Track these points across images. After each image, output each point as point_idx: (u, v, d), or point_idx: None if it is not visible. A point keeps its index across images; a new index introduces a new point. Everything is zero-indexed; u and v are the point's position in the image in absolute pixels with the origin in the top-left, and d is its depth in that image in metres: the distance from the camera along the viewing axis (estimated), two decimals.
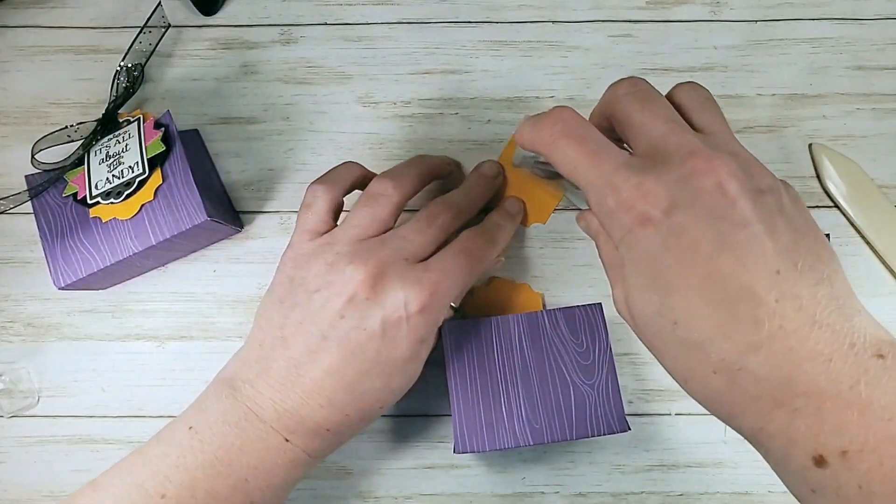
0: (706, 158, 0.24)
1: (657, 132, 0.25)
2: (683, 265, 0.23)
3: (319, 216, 0.34)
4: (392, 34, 0.44)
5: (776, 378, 0.22)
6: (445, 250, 0.34)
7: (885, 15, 0.43)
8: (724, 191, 0.23)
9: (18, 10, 0.45)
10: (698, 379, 0.24)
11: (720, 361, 0.23)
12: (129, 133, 0.38)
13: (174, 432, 0.31)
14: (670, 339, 0.24)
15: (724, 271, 0.23)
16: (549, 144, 0.27)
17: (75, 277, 0.37)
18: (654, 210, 0.24)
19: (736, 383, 0.23)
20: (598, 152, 0.26)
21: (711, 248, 0.23)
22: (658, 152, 0.25)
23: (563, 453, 0.39)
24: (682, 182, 0.24)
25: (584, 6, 0.44)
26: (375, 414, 0.33)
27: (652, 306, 0.24)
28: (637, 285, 0.25)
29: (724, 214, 0.23)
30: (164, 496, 0.29)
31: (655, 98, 0.27)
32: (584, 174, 0.26)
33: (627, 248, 0.25)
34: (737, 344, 0.22)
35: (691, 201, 0.23)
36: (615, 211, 0.25)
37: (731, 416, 0.24)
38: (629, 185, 0.24)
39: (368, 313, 0.31)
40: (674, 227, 0.23)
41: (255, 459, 0.30)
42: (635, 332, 0.27)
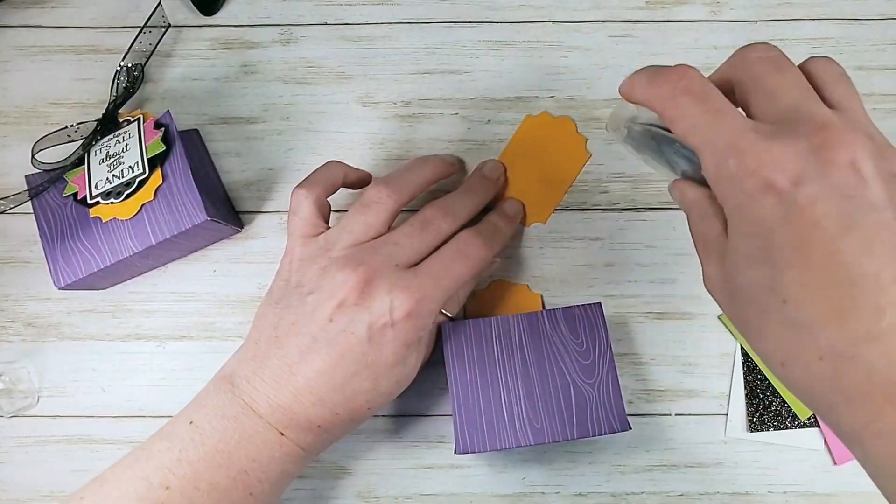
0: (842, 132, 0.22)
1: (789, 99, 0.24)
2: (804, 241, 0.22)
3: (307, 220, 0.34)
4: (392, 34, 0.44)
5: (892, 374, 0.21)
6: (439, 253, 0.34)
7: (885, 15, 0.43)
8: (858, 169, 0.22)
9: (18, 10, 0.45)
10: (800, 364, 0.23)
11: (829, 347, 0.21)
12: (129, 133, 0.38)
13: (175, 427, 0.32)
14: (775, 317, 0.23)
15: (847, 253, 0.21)
16: (667, 100, 0.25)
17: (75, 277, 0.37)
18: (781, 178, 0.22)
19: (845, 373, 0.21)
20: (721, 112, 0.24)
21: (837, 227, 0.21)
22: (789, 121, 0.23)
23: (563, 453, 0.39)
24: (814, 153, 0.22)
25: (584, 6, 0.44)
26: (366, 414, 0.34)
27: (761, 280, 0.23)
28: (747, 256, 0.23)
29: (855, 194, 0.21)
30: (169, 488, 0.30)
31: (789, 66, 0.25)
32: (703, 133, 0.24)
33: (742, 216, 0.23)
34: (852, 332, 0.21)
35: (822, 175, 0.22)
36: (736, 175, 0.23)
37: (832, 407, 0.22)
38: (756, 150, 0.23)
39: (356, 318, 0.31)
40: (800, 198, 0.22)
41: (253, 452, 0.31)
42: (729, 310, 0.25)
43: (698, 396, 0.39)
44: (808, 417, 0.38)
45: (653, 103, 0.26)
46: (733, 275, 0.24)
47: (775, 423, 0.38)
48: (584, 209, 0.41)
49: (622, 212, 0.41)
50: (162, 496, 0.29)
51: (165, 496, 0.29)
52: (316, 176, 0.35)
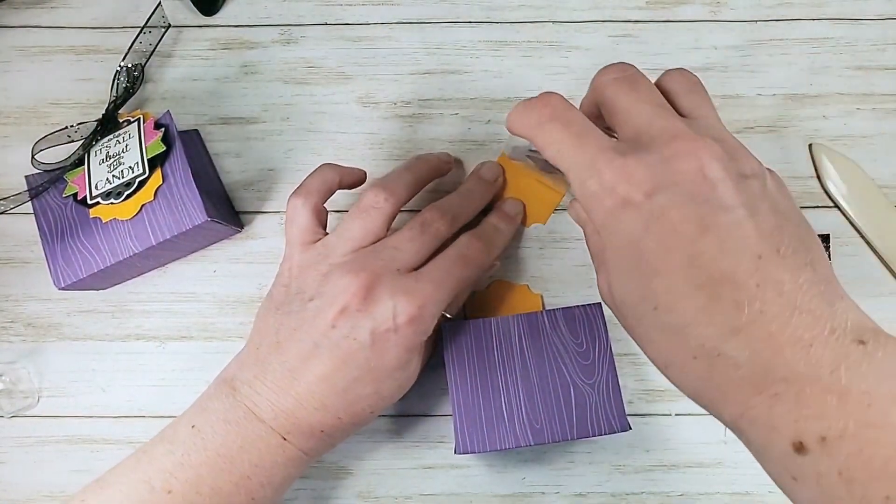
0: (689, 141, 0.23)
1: (643, 116, 0.25)
2: (664, 248, 0.23)
3: (305, 229, 0.34)
4: (392, 34, 0.44)
5: (756, 363, 0.22)
6: (441, 257, 0.34)
7: (885, 15, 0.43)
8: (706, 174, 0.23)
9: (18, 10, 0.45)
10: (678, 365, 0.24)
11: (700, 346, 0.23)
12: (130, 133, 0.38)
13: (177, 431, 0.32)
14: (651, 324, 0.24)
15: (705, 255, 0.22)
16: (535, 127, 0.27)
17: (75, 278, 0.37)
18: (635, 192, 0.23)
19: (715, 369, 0.23)
20: (582, 135, 0.26)
21: (693, 231, 0.23)
22: (643, 136, 0.25)
23: (563, 453, 0.39)
24: (665, 165, 0.23)
25: (584, 6, 0.44)
26: (368, 418, 0.34)
27: (633, 290, 0.24)
28: (618, 269, 0.25)
29: (706, 198, 0.23)
30: (171, 492, 0.30)
31: (642, 83, 0.26)
32: (567, 157, 0.26)
33: (609, 231, 0.25)
34: (717, 328, 0.22)
35: (673, 184, 0.23)
36: (597, 194, 0.24)
37: (712, 402, 0.24)
38: (612, 168, 0.24)
39: (359, 324, 0.31)
40: (655, 209, 0.23)
41: (255, 457, 0.31)
42: (619, 318, 0.26)
43: None
44: None
45: (525, 132, 0.27)
46: (613, 288, 0.26)
47: None
48: None
49: None
50: (164, 500, 0.29)
51: (168, 500, 0.29)
52: (311, 182, 0.35)
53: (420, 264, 0.34)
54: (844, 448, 0.20)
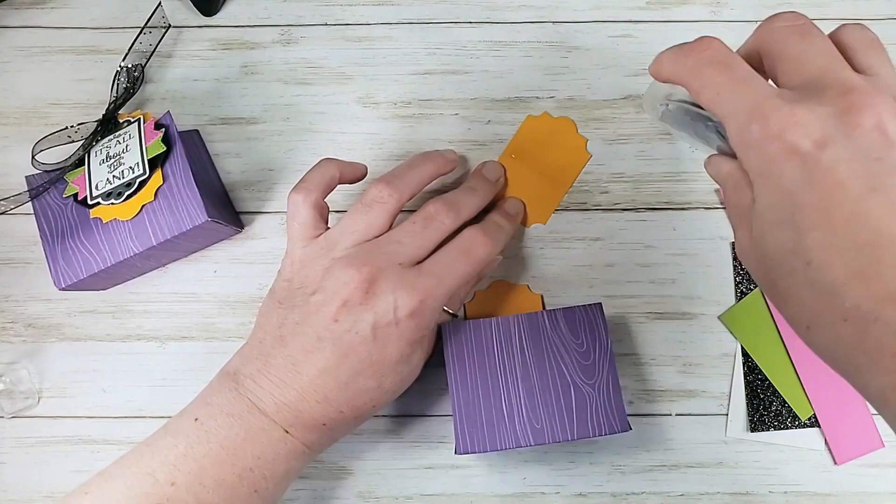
0: (867, 95, 0.22)
1: (815, 66, 0.24)
2: (828, 202, 0.22)
3: (306, 223, 0.34)
4: (392, 34, 0.44)
5: None
6: (443, 251, 0.34)
7: (885, 15, 0.43)
8: (884, 131, 0.22)
9: (18, 11, 0.45)
10: (825, 326, 0.22)
11: (854, 308, 0.21)
12: (130, 134, 0.38)
13: (180, 423, 0.32)
14: (800, 280, 0.23)
15: (871, 215, 0.21)
16: (692, 71, 0.25)
17: (76, 278, 0.37)
18: (804, 141, 0.22)
19: (869, 334, 0.21)
20: (746, 79, 0.24)
21: (862, 188, 0.21)
22: (814, 86, 0.23)
23: (563, 453, 0.39)
24: (839, 116, 0.22)
25: (584, 6, 0.44)
26: (370, 412, 0.34)
27: (786, 243, 0.23)
28: (772, 221, 0.23)
29: (879, 156, 0.21)
30: (174, 484, 0.30)
31: (816, 33, 0.25)
32: (728, 101, 0.24)
33: (766, 181, 0.23)
34: (876, 292, 0.21)
35: (846, 137, 0.22)
36: (760, 140, 0.23)
37: (858, 369, 0.22)
38: (780, 114, 0.22)
39: (361, 318, 0.32)
40: (823, 161, 0.22)
41: (258, 450, 0.31)
42: (758, 275, 0.25)
43: (698, 396, 0.39)
44: (808, 417, 0.38)
45: (679, 76, 0.26)
46: (760, 240, 0.24)
47: (775, 423, 0.38)
48: (584, 209, 0.41)
49: (622, 212, 0.41)
50: (168, 492, 0.29)
51: (171, 492, 0.29)
52: (311, 177, 0.35)
53: (422, 258, 0.34)
54: None
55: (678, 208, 0.41)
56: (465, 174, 0.42)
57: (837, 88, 0.23)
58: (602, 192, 0.41)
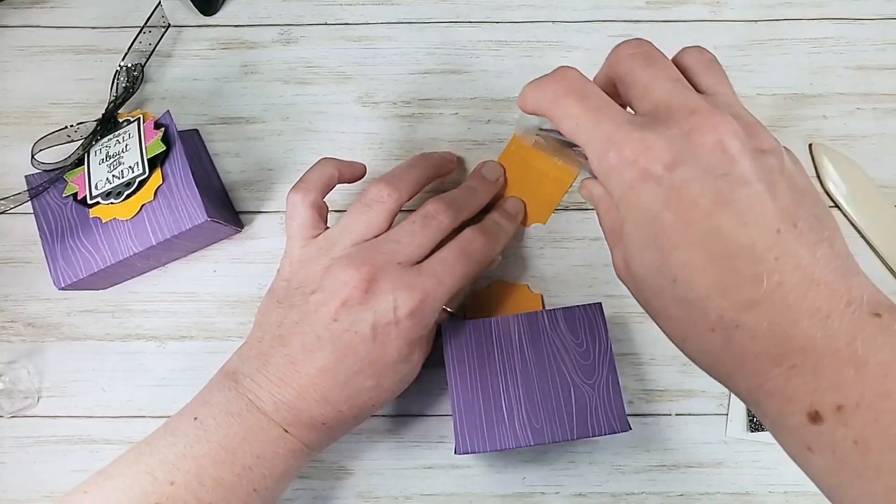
0: (708, 116, 0.23)
1: (661, 91, 0.25)
2: (683, 221, 0.23)
3: (305, 223, 0.34)
4: (392, 34, 0.44)
5: (774, 335, 0.22)
6: (443, 251, 0.34)
7: (885, 15, 0.43)
8: (725, 149, 0.23)
9: (18, 10, 0.45)
10: (695, 337, 0.24)
11: (718, 319, 0.23)
12: (129, 133, 0.38)
13: (180, 423, 0.32)
14: (669, 297, 0.24)
15: (723, 228, 0.22)
16: (551, 102, 0.26)
17: (76, 278, 0.37)
18: (655, 165, 0.23)
19: (733, 341, 0.23)
20: (600, 108, 0.25)
21: (711, 204, 0.23)
22: (661, 111, 0.25)
23: (563, 453, 0.39)
24: (684, 139, 0.23)
25: (584, 6, 0.44)
26: (369, 411, 0.34)
27: (651, 264, 0.24)
28: (637, 243, 0.25)
29: (724, 172, 0.23)
30: (173, 483, 0.30)
31: (660, 58, 0.26)
32: (585, 131, 0.25)
33: (627, 205, 0.24)
34: (735, 301, 0.22)
35: (692, 158, 0.23)
36: (616, 167, 0.24)
37: (728, 375, 0.24)
38: (631, 141, 0.24)
39: (360, 317, 0.32)
40: (675, 182, 0.23)
41: (257, 449, 0.31)
42: (635, 294, 0.26)
43: (698, 396, 0.39)
44: None
45: (541, 108, 0.27)
46: (630, 262, 0.25)
47: None
48: (584, 209, 0.41)
49: None
50: (167, 491, 0.29)
51: (171, 491, 0.29)
52: (310, 177, 0.35)
53: (422, 258, 0.34)
54: (860, 417, 0.20)
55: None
56: (464, 174, 0.42)
57: (683, 111, 0.24)
58: None
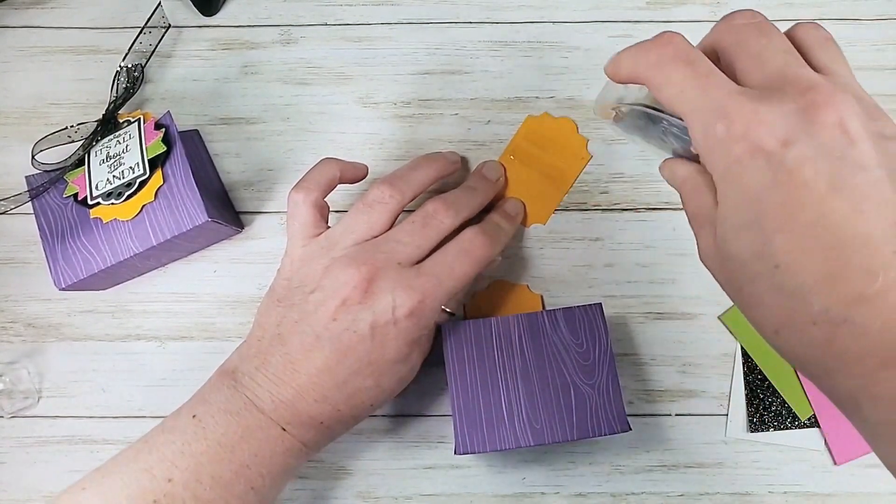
0: (829, 93, 0.22)
1: (774, 63, 0.23)
2: (793, 203, 0.21)
3: (306, 222, 0.34)
4: (392, 34, 0.44)
5: (886, 335, 0.20)
6: (443, 251, 0.34)
7: (884, 15, 0.43)
8: (846, 129, 0.21)
9: (18, 10, 0.45)
10: (794, 330, 0.22)
11: (823, 312, 0.21)
12: (130, 134, 0.38)
13: (178, 421, 0.32)
14: (767, 284, 0.22)
15: (837, 214, 0.21)
16: (654, 67, 0.25)
17: (76, 278, 0.37)
18: (769, 140, 0.22)
19: (838, 337, 0.21)
20: (709, 76, 0.23)
21: (826, 188, 0.21)
22: (775, 84, 0.23)
23: (563, 454, 0.39)
24: (802, 115, 0.22)
25: (584, 6, 0.44)
26: (367, 411, 0.34)
27: (752, 246, 0.22)
28: (737, 224, 0.23)
29: (842, 155, 0.21)
30: (171, 480, 0.30)
31: (774, 31, 0.25)
32: (691, 98, 0.23)
33: (731, 181, 0.23)
34: (844, 295, 0.21)
35: (809, 136, 0.21)
36: (724, 140, 0.22)
37: (827, 372, 0.22)
38: (744, 112, 0.22)
39: (359, 317, 0.32)
40: (787, 160, 0.21)
41: (255, 447, 0.31)
42: (723, 280, 0.25)
43: (698, 396, 0.39)
44: (808, 417, 0.38)
45: (639, 73, 0.25)
46: (725, 244, 0.24)
47: (775, 423, 0.38)
48: (584, 209, 0.41)
49: (622, 212, 0.41)
50: (165, 488, 0.29)
51: (168, 488, 0.29)
52: (312, 176, 0.35)
53: (422, 258, 0.34)
54: None
55: (678, 208, 0.41)
56: (465, 174, 0.42)
57: (798, 86, 0.22)
58: (602, 192, 0.41)
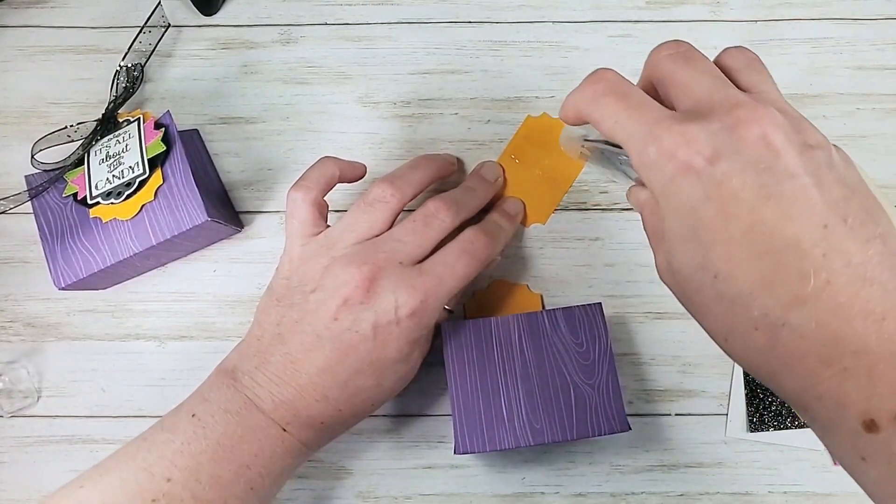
0: (751, 109, 0.23)
1: (702, 88, 0.25)
2: (725, 215, 0.22)
3: (305, 221, 0.34)
4: (392, 34, 0.44)
5: (823, 335, 0.21)
6: (444, 251, 0.34)
7: (884, 15, 0.43)
8: (769, 142, 0.22)
9: (18, 10, 0.45)
10: (739, 336, 0.23)
11: (762, 317, 0.22)
12: (130, 133, 0.38)
13: (177, 419, 0.32)
14: (711, 293, 0.23)
15: (767, 222, 0.22)
16: (591, 103, 0.26)
17: (76, 278, 0.37)
18: (696, 158, 0.23)
19: (779, 340, 0.22)
20: (640, 105, 0.25)
21: (754, 198, 0.22)
22: (703, 107, 0.24)
23: (563, 453, 0.39)
24: (726, 132, 0.23)
25: (584, 6, 0.44)
26: (368, 410, 0.34)
27: (692, 259, 0.24)
28: (678, 238, 0.24)
29: (768, 166, 0.22)
30: (170, 480, 0.30)
31: (699, 57, 0.26)
32: (625, 127, 0.25)
33: (668, 199, 0.24)
34: (780, 298, 0.21)
35: (735, 151, 0.22)
36: (657, 161, 0.24)
37: (774, 375, 0.23)
38: (672, 134, 0.23)
39: (361, 316, 0.32)
40: (716, 175, 0.22)
41: (255, 447, 0.31)
42: (676, 294, 0.26)
43: (698, 396, 0.39)
44: None
45: (581, 112, 0.27)
46: (671, 258, 0.25)
47: (775, 423, 0.38)
48: (584, 209, 0.41)
49: (622, 212, 0.41)
50: (164, 487, 0.29)
51: (167, 487, 0.29)
52: (311, 175, 0.35)
53: (423, 257, 0.34)
54: None
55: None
56: (464, 174, 0.42)
57: (725, 106, 0.23)
58: (601, 191, 0.41)
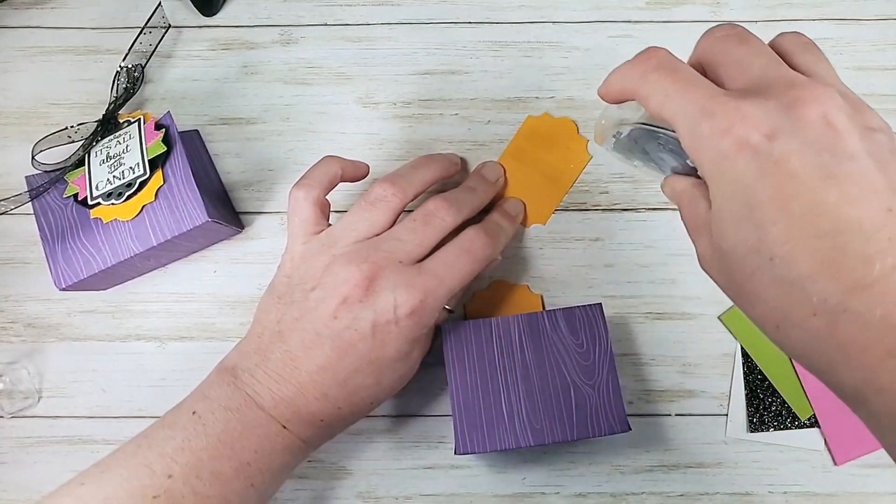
0: (811, 89, 0.22)
1: (757, 67, 0.24)
2: (784, 195, 0.21)
3: (307, 220, 0.34)
4: (392, 34, 0.44)
5: (889, 325, 0.20)
6: (444, 250, 0.34)
7: (884, 15, 0.43)
8: (830, 122, 0.21)
9: (18, 11, 0.45)
10: (794, 323, 0.22)
11: (822, 302, 0.21)
12: (130, 134, 0.38)
13: (178, 417, 0.32)
14: (765, 278, 0.22)
15: (829, 203, 0.21)
16: (639, 79, 0.25)
17: (76, 278, 0.37)
18: (753, 134, 0.22)
19: (839, 327, 0.20)
20: (693, 81, 0.24)
21: (815, 179, 0.21)
22: (758, 85, 0.23)
23: (563, 454, 0.39)
24: (786, 111, 0.22)
25: (584, 6, 0.44)
26: (367, 409, 0.34)
27: (747, 241, 0.22)
28: (730, 219, 0.23)
29: (829, 146, 0.21)
30: (171, 476, 0.30)
31: (755, 39, 0.25)
32: (676, 102, 0.24)
33: (720, 177, 0.23)
34: (842, 283, 0.20)
35: (794, 129, 0.21)
36: (710, 137, 0.22)
37: (831, 365, 0.22)
38: (727, 109, 0.22)
39: (360, 315, 0.32)
40: (774, 153, 0.21)
41: (255, 444, 0.31)
42: (723, 281, 0.25)
43: (698, 397, 0.39)
44: (807, 417, 0.38)
45: (627, 88, 0.26)
46: (720, 242, 0.24)
47: (775, 424, 0.38)
48: (584, 209, 0.41)
49: (622, 212, 0.41)
50: (164, 484, 0.29)
51: (168, 484, 0.29)
52: (313, 174, 0.35)
53: (423, 256, 0.34)
54: None
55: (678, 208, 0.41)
56: (464, 175, 0.42)
57: (782, 84, 0.22)
58: (602, 192, 0.41)
